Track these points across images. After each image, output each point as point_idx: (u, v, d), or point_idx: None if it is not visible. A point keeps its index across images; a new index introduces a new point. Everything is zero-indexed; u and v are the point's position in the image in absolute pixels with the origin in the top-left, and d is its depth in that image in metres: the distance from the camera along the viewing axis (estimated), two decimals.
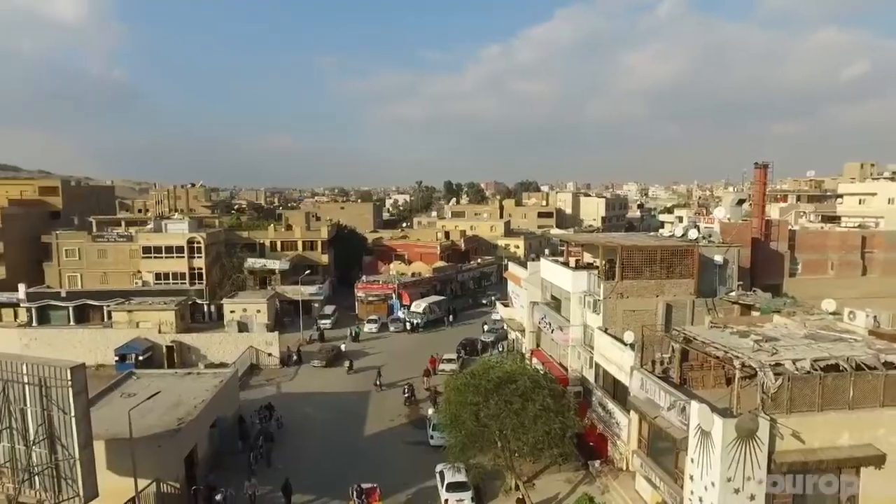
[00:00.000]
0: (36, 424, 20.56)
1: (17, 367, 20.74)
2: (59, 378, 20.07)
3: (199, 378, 35.30)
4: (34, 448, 20.72)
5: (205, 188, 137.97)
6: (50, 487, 20.81)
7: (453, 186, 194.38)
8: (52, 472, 20.64)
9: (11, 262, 67.01)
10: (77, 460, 20.34)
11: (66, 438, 20.31)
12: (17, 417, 20.84)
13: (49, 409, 20.29)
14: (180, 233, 65.54)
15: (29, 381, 20.41)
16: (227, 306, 57.89)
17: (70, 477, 20.53)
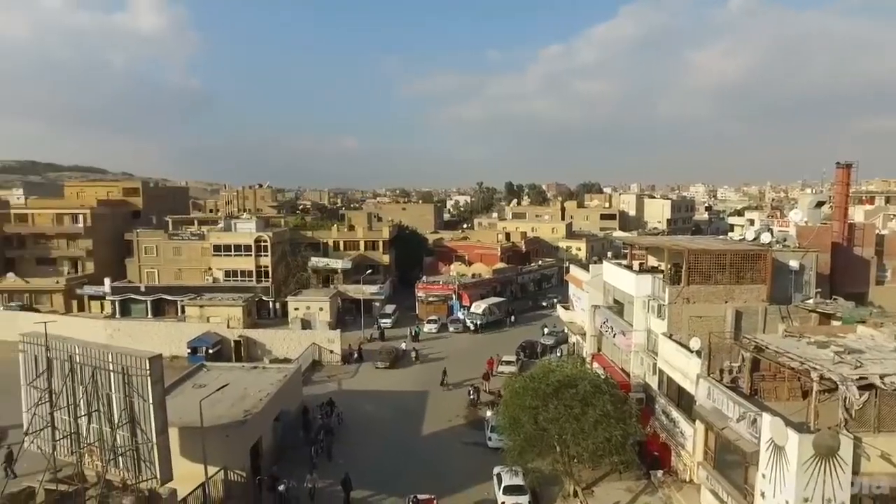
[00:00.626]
0: (119, 409, 21.92)
1: (104, 355, 22.20)
2: (139, 367, 21.32)
3: (264, 372, 36.61)
4: (118, 431, 22.10)
5: (271, 189, 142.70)
6: (131, 468, 22.12)
7: (514, 188, 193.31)
8: (133, 453, 21.93)
9: (99, 259, 71.70)
10: (154, 444, 21.52)
11: (145, 423, 21.54)
12: (104, 402, 22.30)
13: (130, 395, 21.59)
14: (248, 232, 68.09)
15: (114, 368, 21.81)
16: (292, 304, 59.73)
17: (148, 459, 21.75)
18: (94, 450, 22.87)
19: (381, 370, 46.61)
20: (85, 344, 23.33)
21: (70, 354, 22.80)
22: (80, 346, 23.00)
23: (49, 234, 72.90)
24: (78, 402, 22.83)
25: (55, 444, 23.19)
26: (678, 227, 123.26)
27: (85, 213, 73.34)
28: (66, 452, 23.43)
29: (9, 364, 27.47)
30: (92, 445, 22.86)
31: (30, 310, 62.32)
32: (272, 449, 31.06)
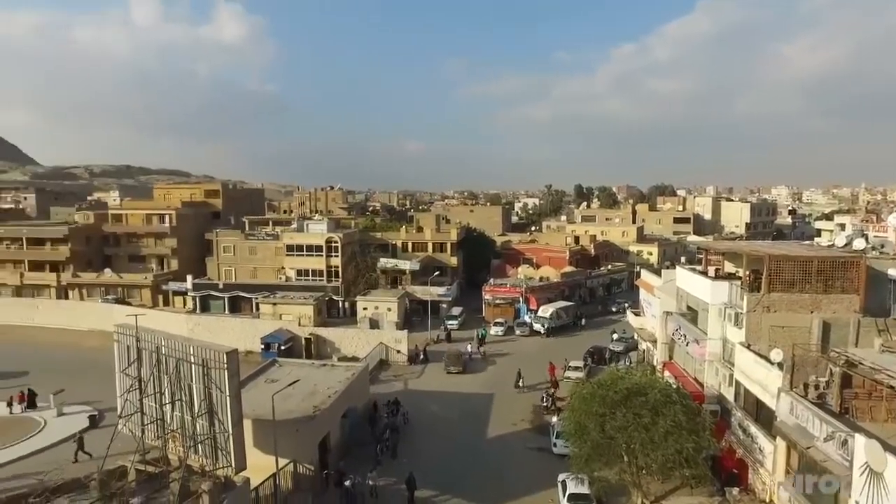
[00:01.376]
0: (199, 399, 23.13)
1: (186, 348, 23.52)
2: (217, 360, 22.41)
3: (333, 370, 37.60)
4: (198, 420, 23.31)
5: (342, 191, 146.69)
6: (209, 455, 23.28)
7: (584, 190, 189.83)
8: (210, 442, 23.07)
9: (182, 257, 76.03)
10: (230, 434, 22.55)
11: (222, 414, 22.61)
12: (185, 392, 23.61)
13: (209, 386, 22.72)
14: (320, 233, 70.13)
15: (194, 361, 23.04)
16: (360, 303, 61.06)
17: (225, 448, 22.81)
18: (176, 436, 24.24)
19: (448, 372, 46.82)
20: (170, 336, 24.79)
21: (157, 346, 24.30)
22: (165, 338, 24.47)
23: (140, 233, 78.09)
24: (163, 390, 24.30)
25: (144, 429, 24.79)
26: (758, 232, 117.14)
27: (171, 213, 78.06)
28: (153, 437, 24.99)
29: (105, 352, 29.81)
30: (175, 432, 24.24)
31: (123, 303, 66.90)
32: (339, 445, 31.84)
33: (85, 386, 38.97)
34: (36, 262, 74.96)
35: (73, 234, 75.54)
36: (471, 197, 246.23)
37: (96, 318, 59.72)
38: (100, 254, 77.85)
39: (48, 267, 74.43)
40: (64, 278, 72.97)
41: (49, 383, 39.88)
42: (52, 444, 33.06)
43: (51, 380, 40.83)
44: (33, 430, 35.06)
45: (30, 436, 34.26)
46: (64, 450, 31.66)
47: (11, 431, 34.65)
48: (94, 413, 36.55)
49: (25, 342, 57.04)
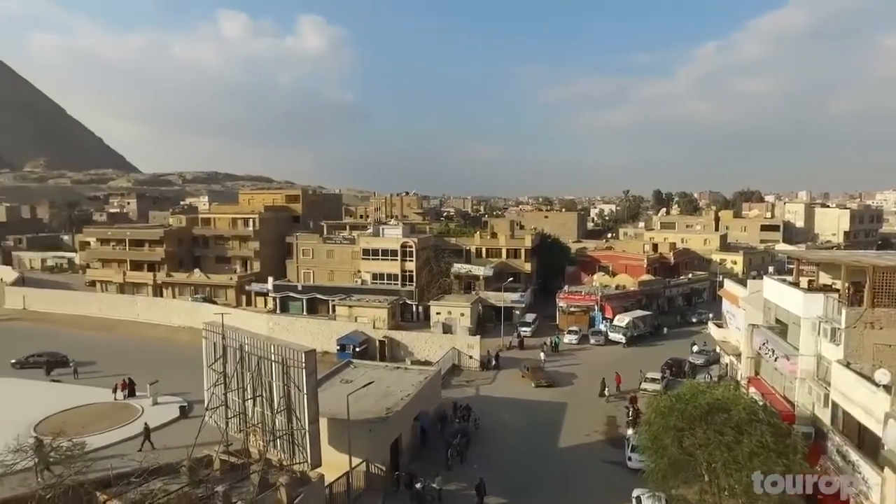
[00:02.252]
0: (279, 396, 24.12)
1: (267, 346, 24.62)
2: (296, 360, 23.29)
3: (406, 373, 38.12)
4: (277, 416, 24.33)
5: (417, 196, 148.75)
6: (286, 450, 24.23)
7: (663, 196, 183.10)
8: (288, 438, 24.01)
9: (264, 259, 79.61)
10: (307, 431, 23.35)
11: (300, 412, 23.46)
12: (266, 388, 24.72)
13: (288, 384, 23.65)
14: (395, 237, 71.35)
15: (275, 359, 24.06)
16: (434, 308, 61.63)
17: (301, 445, 23.65)
18: (257, 430, 25.38)
19: (517, 375, 46.35)
20: (253, 335, 26.02)
21: (240, 344, 25.57)
22: (248, 336, 25.71)
23: (226, 236, 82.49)
24: (246, 386, 25.52)
25: (228, 422, 26.14)
26: (859, 241, 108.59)
27: (254, 217, 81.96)
28: (235, 429, 26.30)
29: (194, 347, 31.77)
30: (256, 426, 25.39)
31: (210, 302, 70.80)
32: (410, 447, 32.20)
33: (176, 378, 41.58)
34: (136, 262, 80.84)
35: (167, 237, 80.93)
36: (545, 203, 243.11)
37: (186, 315, 63.60)
38: (190, 255, 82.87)
39: (146, 266, 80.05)
40: (159, 277, 78.25)
41: (146, 374, 42.88)
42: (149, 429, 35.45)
43: (147, 371, 43.90)
44: (133, 416, 37.90)
45: (130, 421, 37.06)
46: (158, 436, 33.87)
47: (116, 416, 37.79)
48: (184, 404, 38.92)
49: (128, 335, 61.64)
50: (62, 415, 37.36)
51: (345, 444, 25.88)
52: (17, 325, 65.61)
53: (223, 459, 25.25)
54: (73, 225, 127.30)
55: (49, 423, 35.54)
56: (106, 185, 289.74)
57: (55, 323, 66.63)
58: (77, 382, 45.20)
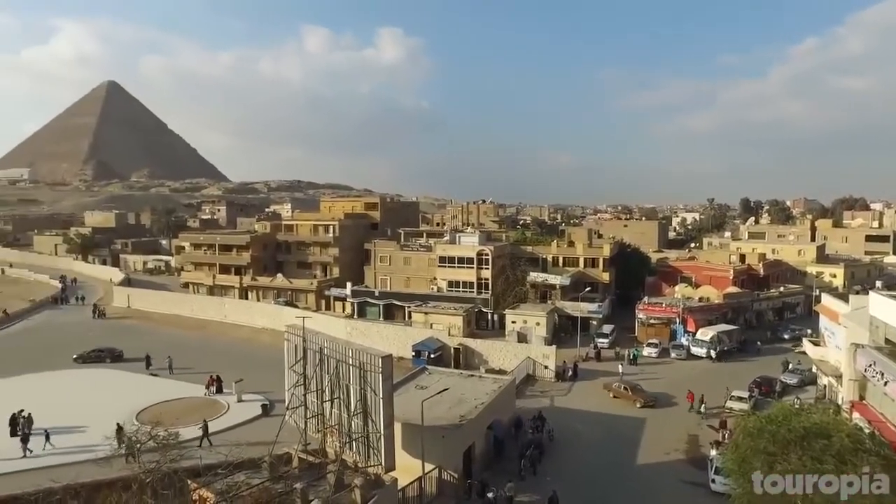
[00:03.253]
0: (355, 399, 24.70)
1: (345, 350, 25.30)
2: (373, 364, 23.78)
3: (480, 381, 38.01)
4: (353, 418, 24.91)
5: (493, 204, 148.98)
6: (362, 453, 24.74)
7: (751, 204, 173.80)
8: (364, 440, 24.51)
9: (343, 265, 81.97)
10: (382, 435, 23.76)
11: (375, 415, 23.91)
12: (343, 391, 25.40)
13: (364, 388, 24.18)
14: (471, 245, 71.46)
15: (352, 363, 24.69)
16: (509, 316, 61.19)
17: (376, 447, 24.08)
18: (334, 431, 26.09)
19: (596, 387, 45.10)
20: (332, 339, 26.83)
21: (320, 347, 26.42)
22: (328, 340, 26.53)
23: (307, 242, 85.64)
24: (324, 388, 26.32)
25: (306, 422, 27.04)
26: None
27: (334, 224, 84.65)
28: (314, 429, 27.16)
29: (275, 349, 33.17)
30: (333, 427, 26.11)
31: (291, 305, 73.65)
32: (483, 456, 32.03)
33: (259, 377, 43.52)
34: (224, 266, 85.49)
35: (253, 242, 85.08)
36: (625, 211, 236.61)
37: (269, 317, 66.49)
38: (273, 260, 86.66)
39: (233, 270, 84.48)
40: (245, 281, 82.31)
41: (231, 372, 45.18)
42: (233, 425, 37.36)
43: (233, 369, 46.24)
44: (220, 412, 40.00)
45: (217, 416, 39.12)
46: (242, 432, 35.54)
47: (205, 410, 39.98)
48: (266, 403, 40.64)
49: (216, 335, 65.26)
50: (159, 406, 40.07)
51: (418, 449, 26.12)
52: (125, 323, 70.91)
53: (301, 458, 26.14)
54: (170, 230, 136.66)
55: (148, 413, 38.21)
56: (199, 194, 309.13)
57: (154, 321, 71.58)
58: (172, 377, 48.25)
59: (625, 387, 43.74)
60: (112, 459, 26.34)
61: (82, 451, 31.35)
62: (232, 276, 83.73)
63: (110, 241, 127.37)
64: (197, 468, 25.99)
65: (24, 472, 29.37)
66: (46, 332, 65.63)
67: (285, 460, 26.45)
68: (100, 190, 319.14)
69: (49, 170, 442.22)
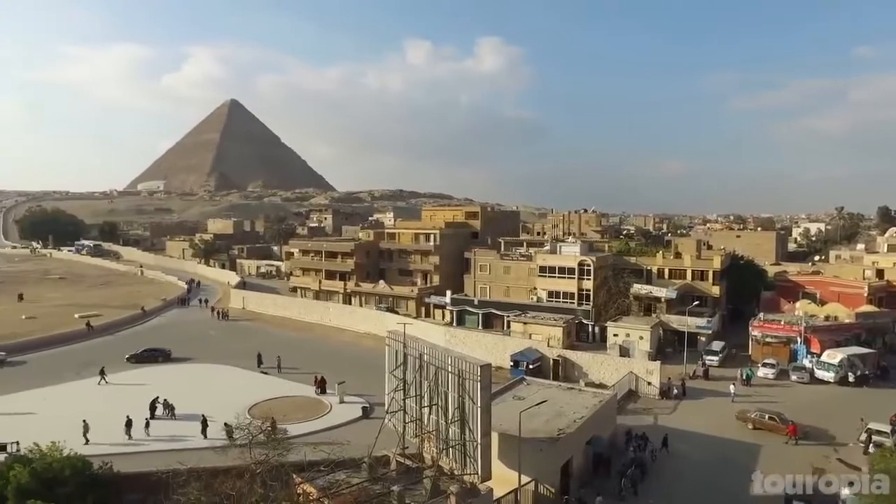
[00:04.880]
0: (453, 407, 24.82)
1: (445, 357, 25.55)
2: (472, 372, 23.80)
3: (580, 394, 36.96)
4: (451, 426, 25.04)
5: (595, 213, 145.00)
6: (458, 460, 24.78)
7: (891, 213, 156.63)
8: (461, 448, 24.55)
9: (443, 273, 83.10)
10: (479, 444, 23.68)
11: (473, 423, 23.88)
12: (442, 398, 25.62)
13: (463, 396, 24.24)
14: (572, 255, 69.96)
15: (451, 370, 24.85)
16: (611, 329, 59.16)
17: (473, 456, 24.02)
18: (431, 437, 26.36)
19: (704, 406, 42.34)
20: (432, 346, 27.19)
21: (420, 353, 26.84)
22: (427, 347, 26.90)
23: (409, 250, 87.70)
24: (423, 394, 26.69)
25: (405, 426, 27.52)
26: None
27: (435, 233, 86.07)
28: (411, 434, 27.60)
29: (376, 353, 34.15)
30: (430, 433, 26.39)
31: (392, 311, 75.60)
32: (582, 472, 31.05)
33: (360, 380, 45.00)
34: (330, 272, 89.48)
35: (357, 249, 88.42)
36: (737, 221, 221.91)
37: (371, 322, 68.62)
38: (376, 267, 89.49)
39: (338, 276, 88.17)
40: (348, 286, 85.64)
41: (334, 374, 47.03)
42: (335, 425, 38.82)
43: (335, 371, 48.13)
44: (323, 411, 41.80)
45: (321, 415, 40.92)
46: (343, 432, 36.78)
47: (310, 409, 42.08)
48: (367, 405, 41.87)
49: (321, 337, 68.34)
50: (269, 402, 42.54)
51: (515, 460, 25.75)
52: (241, 324, 76.06)
53: (399, 461, 26.63)
54: (281, 237, 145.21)
55: (259, 408, 40.70)
56: (308, 203, 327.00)
57: (265, 322, 76.21)
58: (280, 376, 51.03)
59: (771, 416, 38.92)
60: (227, 449, 28.24)
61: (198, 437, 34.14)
62: (337, 282, 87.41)
63: (229, 246, 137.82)
64: (302, 463, 27.22)
65: (155, 453, 32.52)
66: (174, 329, 71.84)
67: (383, 462, 27.09)
68: (221, 199, 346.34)
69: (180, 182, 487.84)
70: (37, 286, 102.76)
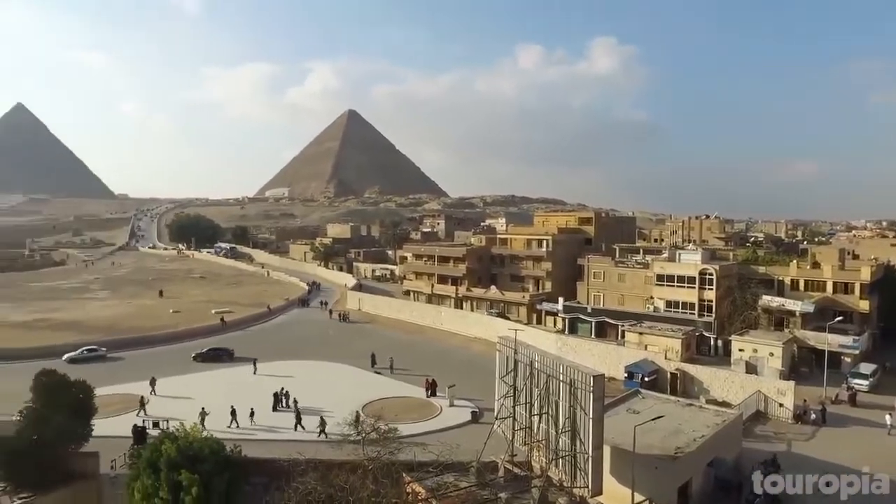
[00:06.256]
0: (564, 417, 24.22)
1: (556, 366, 25.03)
2: (584, 382, 23.11)
3: (700, 411, 34.65)
4: (561, 436, 24.45)
5: (719, 219, 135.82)
6: (568, 472, 24.13)
7: None
8: (571, 459, 23.88)
9: (555, 279, 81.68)
10: (590, 457, 22.91)
11: (584, 435, 23.15)
12: (552, 407, 25.11)
13: (574, 406, 23.59)
14: (692, 263, 66.10)
15: (563, 379, 24.29)
16: (736, 343, 54.95)
17: (583, 469, 23.28)
18: (541, 446, 25.88)
19: (848, 434, 37.96)
20: (543, 353, 26.76)
21: (531, 360, 26.49)
22: (538, 354, 26.50)
23: (521, 256, 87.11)
24: (533, 401, 26.29)
25: (514, 433, 27.25)
26: None
27: (548, 239, 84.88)
28: (520, 442, 27.27)
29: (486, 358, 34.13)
30: (540, 442, 25.92)
31: (503, 317, 75.39)
32: (701, 495, 29.02)
33: (469, 384, 45.22)
34: (442, 276, 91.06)
35: (469, 255, 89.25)
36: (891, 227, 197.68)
37: (482, 328, 68.84)
38: (487, 272, 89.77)
39: (450, 280, 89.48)
40: (460, 291, 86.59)
41: (444, 377, 47.65)
42: (444, 427, 39.22)
43: (445, 374, 48.75)
44: (434, 413, 42.53)
45: (431, 417, 41.69)
46: (451, 435, 36.99)
47: (421, 410, 43.09)
48: (476, 410, 41.99)
49: (432, 340, 69.68)
50: (382, 402, 43.95)
51: (628, 477, 24.59)
52: (357, 326, 79.52)
53: (507, 468, 26.40)
54: (395, 242, 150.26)
55: (372, 406, 42.16)
56: (421, 208, 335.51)
57: (379, 324, 79.01)
58: (392, 377, 52.60)
59: None
60: (342, 444, 29.51)
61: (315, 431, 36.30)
62: (448, 286, 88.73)
63: (346, 250, 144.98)
64: (411, 463, 27.80)
65: (279, 442, 34.96)
66: (295, 327, 76.64)
67: (491, 468, 26.98)
68: (339, 205, 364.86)
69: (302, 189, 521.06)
70: (182, 283, 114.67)
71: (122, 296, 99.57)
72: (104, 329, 71.15)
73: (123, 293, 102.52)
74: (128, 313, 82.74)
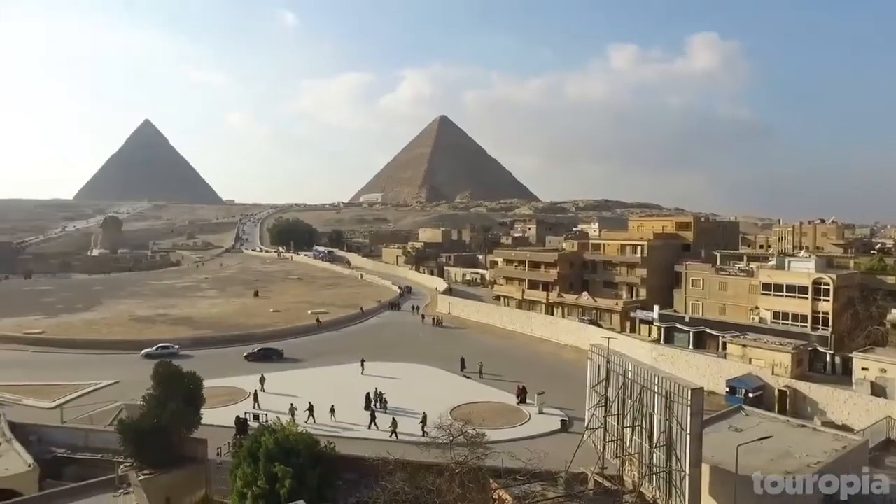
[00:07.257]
0: (659, 431, 23.10)
1: (651, 377, 23.94)
2: (681, 396, 21.92)
3: (815, 434, 31.79)
4: (655, 450, 23.32)
5: (837, 224, 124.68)
6: (662, 489, 22.96)
7: None
8: (665, 476, 22.71)
9: (650, 286, 78.47)
10: (686, 475, 21.65)
11: (680, 451, 21.94)
12: (646, 420, 24.02)
13: (670, 420, 22.43)
14: (805, 272, 61.19)
15: (658, 391, 23.18)
16: (859, 361, 50.02)
17: (679, 487, 22.05)
18: (633, 460, 24.82)
19: None
20: (637, 363, 25.70)
21: (624, 370, 25.51)
22: (632, 364, 25.48)
23: (614, 262, 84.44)
24: (625, 413, 25.29)
25: (605, 445, 26.35)
26: None
27: (643, 244, 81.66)
28: (612, 454, 26.31)
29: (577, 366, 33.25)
30: (632, 456, 24.86)
31: (595, 324, 73.31)
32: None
33: (559, 392, 44.32)
34: (533, 281, 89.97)
35: (560, 260, 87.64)
36: None
37: (573, 335, 67.33)
38: (579, 278, 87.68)
39: (541, 286, 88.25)
40: (551, 297, 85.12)
41: (533, 384, 47.00)
42: (533, 435, 38.69)
43: (535, 381, 48.07)
44: (522, 420, 42.13)
45: (520, 424, 41.34)
46: (540, 443, 36.39)
47: (510, 416, 42.87)
48: (566, 419, 41.06)
49: (522, 346, 69.04)
50: (470, 406, 44.05)
51: (730, 500, 23.01)
52: (449, 330, 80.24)
53: (597, 480, 25.55)
54: (486, 246, 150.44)
55: (459, 410, 42.33)
56: (512, 213, 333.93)
57: (468, 328, 79.30)
58: (481, 381, 52.56)
59: None
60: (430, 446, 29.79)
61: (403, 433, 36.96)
62: (539, 292, 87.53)
63: (437, 254, 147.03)
64: (499, 469, 27.55)
65: (369, 441, 36.25)
66: (386, 329, 78.61)
67: (581, 480, 26.21)
68: (431, 210, 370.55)
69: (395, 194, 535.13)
70: (281, 284, 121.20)
71: (228, 295, 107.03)
72: (212, 325, 76.76)
73: (229, 292, 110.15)
74: (233, 311, 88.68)
